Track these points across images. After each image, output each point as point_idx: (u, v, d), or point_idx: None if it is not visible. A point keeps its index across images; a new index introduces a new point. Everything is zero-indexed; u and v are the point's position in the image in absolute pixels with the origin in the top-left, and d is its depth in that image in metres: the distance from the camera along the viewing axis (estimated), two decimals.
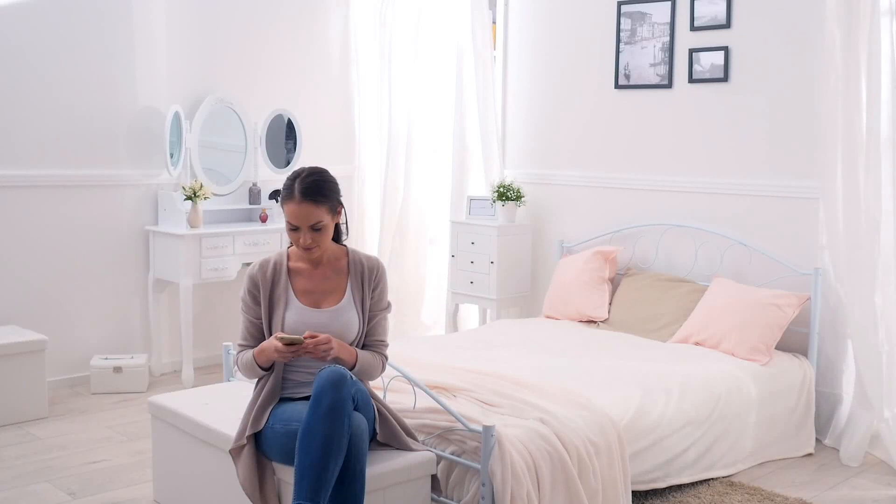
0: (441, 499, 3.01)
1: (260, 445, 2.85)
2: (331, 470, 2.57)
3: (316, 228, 2.81)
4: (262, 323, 2.93)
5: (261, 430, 2.84)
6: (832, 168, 4.09)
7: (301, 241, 2.82)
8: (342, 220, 2.97)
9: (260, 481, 2.80)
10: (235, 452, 2.86)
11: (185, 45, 5.37)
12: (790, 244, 4.45)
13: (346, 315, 2.90)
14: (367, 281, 2.94)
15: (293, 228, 2.82)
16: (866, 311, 4.02)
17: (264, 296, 2.90)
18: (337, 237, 2.99)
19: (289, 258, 2.96)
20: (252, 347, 2.93)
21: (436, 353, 4.02)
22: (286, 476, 2.78)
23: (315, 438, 2.57)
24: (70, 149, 4.98)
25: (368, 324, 2.96)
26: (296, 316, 2.87)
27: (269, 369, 2.90)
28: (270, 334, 2.89)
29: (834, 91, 4.05)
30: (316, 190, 2.80)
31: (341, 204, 2.91)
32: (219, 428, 3.10)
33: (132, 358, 5.03)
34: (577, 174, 5.34)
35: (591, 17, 5.20)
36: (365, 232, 6.23)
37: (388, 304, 3.02)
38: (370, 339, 2.98)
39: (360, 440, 2.67)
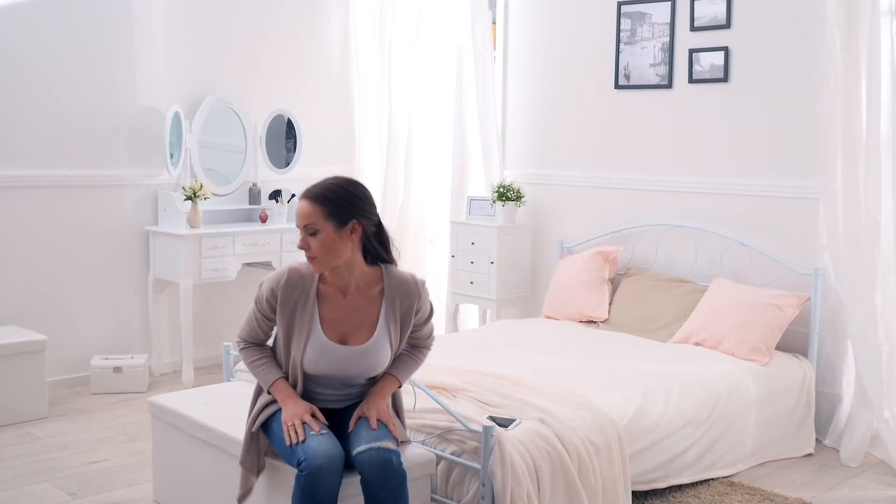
0: (441, 498, 3.01)
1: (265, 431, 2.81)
2: None
3: (310, 232, 2.61)
4: (271, 331, 2.78)
5: (268, 425, 2.77)
6: (832, 168, 4.09)
7: (299, 242, 2.66)
8: (361, 238, 2.67)
9: (256, 454, 2.80)
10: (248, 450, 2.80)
11: (185, 45, 5.37)
12: (790, 244, 4.45)
13: (375, 354, 2.69)
14: (408, 311, 2.73)
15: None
16: (866, 312, 4.02)
17: (284, 314, 2.68)
18: (374, 258, 2.73)
19: (321, 279, 2.71)
20: (255, 346, 2.81)
21: (436, 353, 3.99)
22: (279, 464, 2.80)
23: None
24: (70, 149, 4.98)
25: (414, 332, 2.83)
26: (317, 354, 2.66)
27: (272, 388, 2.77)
28: (287, 355, 2.72)
29: (834, 91, 4.05)
30: (321, 193, 2.62)
31: (356, 220, 2.63)
32: (219, 428, 3.10)
33: (132, 358, 5.03)
34: (577, 174, 5.34)
35: (591, 17, 5.20)
36: None
37: (431, 310, 2.84)
38: (417, 340, 2.88)
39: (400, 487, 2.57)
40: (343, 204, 2.62)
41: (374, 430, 2.60)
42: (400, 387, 2.85)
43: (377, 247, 2.71)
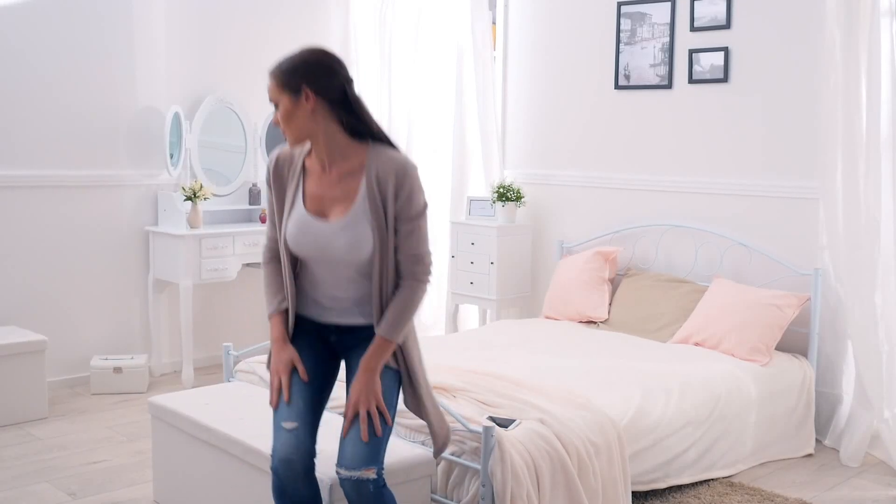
0: (440, 499, 3.01)
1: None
2: None
3: (276, 106, 2.50)
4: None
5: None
6: (832, 168, 4.09)
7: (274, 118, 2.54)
8: (327, 108, 2.47)
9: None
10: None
11: (185, 45, 5.37)
12: (790, 244, 4.45)
13: (354, 230, 2.47)
14: (385, 188, 2.46)
15: None
16: (866, 312, 4.02)
17: (277, 191, 2.60)
18: (354, 131, 2.53)
19: (308, 153, 2.59)
20: (274, 261, 2.66)
21: (436, 354, 4.01)
22: None
23: None
24: (70, 149, 4.98)
25: (397, 235, 2.51)
26: (296, 227, 2.52)
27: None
28: (280, 235, 2.60)
29: (834, 91, 4.05)
30: (277, 65, 2.49)
31: (307, 87, 2.45)
32: (219, 428, 3.10)
33: (132, 358, 5.03)
34: (577, 174, 5.34)
35: (591, 17, 5.20)
36: None
37: (423, 209, 2.51)
38: (400, 256, 2.52)
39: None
40: (292, 73, 2.46)
41: (355, 451, 2.44)
42: (394, 346, 2.53)
43: (348, 118, 2.50)
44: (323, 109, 2.48)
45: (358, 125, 2.52)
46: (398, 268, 2.53)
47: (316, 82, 2.46)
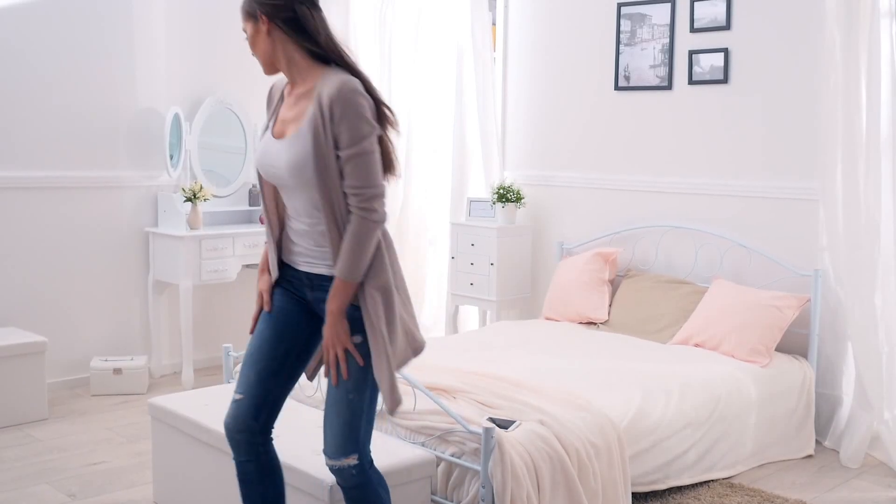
0: (440, 500, 3.01)
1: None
2: None
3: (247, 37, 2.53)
4: None
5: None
6: (832, 169, 4.09)
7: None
8: (283, 32, 2.46)
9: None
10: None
11: (185, 46, 5.37)
12: (790, 245, 4.44)
13: (295, 149, 2.40)
14: (324, 109, 2.38)
15: None
16: (866, 313, 4.02)
17: (267, 118, 2.64)
18: (313, 54, 2.49)
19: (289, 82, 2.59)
20: None
21: (435, 355, 4.00)
22: None
23: None
24: (70, 150, 4.98)
25: (339, 163, 2.40)
26: (261, 149, 2.54)
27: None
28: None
29: (834, 91, 4.05)
30: None
31: (260, 13, 2.45)
32: (219, 429, 3.08)
33: (132, 359, 5.03)
34: (577, 175, 5.34)
35: (591, 18, 5.20)
36: None
37: (360, 137, 2.37)
38: (344, 187, 2.40)
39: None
40: (249, 1, 2.50)
41: (334, 439, 2.44)
42: (352, 286, 2.38)
43: (300, 39, 2.47)
44: (278, 32, 2.47)
45: (311, 46, 2.49)
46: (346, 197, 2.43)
47: (267, 4, 2.47)
